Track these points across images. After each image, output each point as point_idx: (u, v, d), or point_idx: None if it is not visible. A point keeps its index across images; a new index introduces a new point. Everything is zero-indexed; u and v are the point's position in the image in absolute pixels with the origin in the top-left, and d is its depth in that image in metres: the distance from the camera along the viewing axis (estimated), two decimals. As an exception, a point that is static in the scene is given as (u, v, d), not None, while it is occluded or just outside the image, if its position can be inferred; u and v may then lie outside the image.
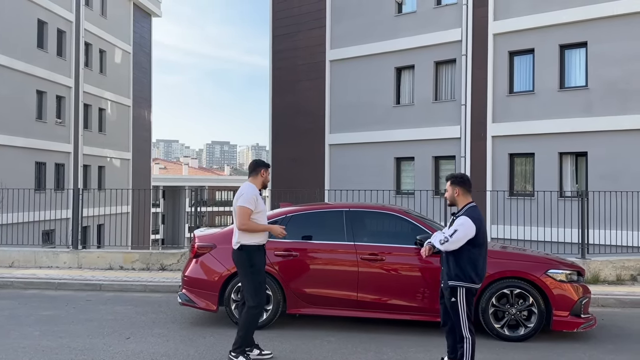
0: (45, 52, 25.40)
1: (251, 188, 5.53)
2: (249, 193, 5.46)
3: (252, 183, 5.60)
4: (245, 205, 5.40)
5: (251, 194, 5.45)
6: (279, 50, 22.72)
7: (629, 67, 14.71)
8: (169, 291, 9.11)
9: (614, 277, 10.14)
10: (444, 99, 18.43)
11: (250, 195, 5.45)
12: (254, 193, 5.48)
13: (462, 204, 5.08)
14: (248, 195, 5.45)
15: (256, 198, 5.47)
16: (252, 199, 5.43)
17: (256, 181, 5.61)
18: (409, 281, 6.62)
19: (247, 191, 5.48)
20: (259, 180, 5.62)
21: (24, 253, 11.44)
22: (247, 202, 5.41)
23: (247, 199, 5.42)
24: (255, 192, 5.52)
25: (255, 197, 5.45)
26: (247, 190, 5.49)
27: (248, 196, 5.44)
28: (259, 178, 5.62)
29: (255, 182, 5.61)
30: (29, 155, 24.06)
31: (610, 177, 14.39)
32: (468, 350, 4.88)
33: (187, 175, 60.97)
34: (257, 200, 5.47)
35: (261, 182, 5.63)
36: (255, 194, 5.49)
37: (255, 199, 5.45)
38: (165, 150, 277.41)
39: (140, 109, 35.08)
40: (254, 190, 5.51)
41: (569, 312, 6.34)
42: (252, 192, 5.48)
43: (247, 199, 5.43)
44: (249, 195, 5.44)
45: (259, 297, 5.43)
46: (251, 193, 5.47)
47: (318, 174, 20.65)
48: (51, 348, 5.89)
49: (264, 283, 5.56)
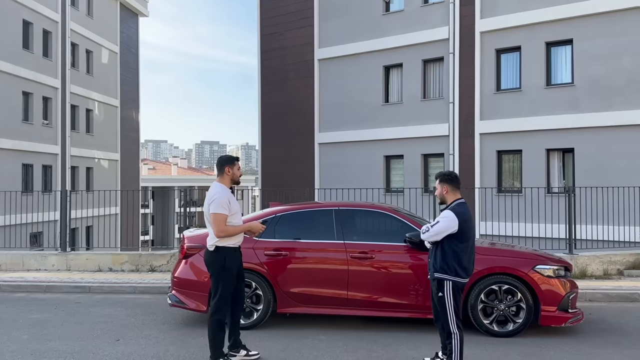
0: (31, 52, 25.15)
1: (222, 190, 5.28)
2: (220, 197, 5.20)
3: (221, 183, 5.34)
4: (219, 212, 5.16)
5: (223, 198, 5.20)
6: (268, 49, 22.69)
7: (614, 64, 14.88)
8: (159, 292, 9.07)
9: (601, 271, 10.26)
10: (432, 97, 18.51)
11: (222, 199, 5.20)
12: (225, 196, 5.22)
13: (451, 200, 5.20)
14: (219, 199, 5.19)
15: (228, 200, 5.22)
16: (224, 202, 5.19)
17: (224, 180, 5.36)
18: (399, 279, 6.65)
19: (218, 196, 5.21)
20: (227, 179, 5.36)
21: (11, 256, 11.34)
22: (220, 208, 5.17)
23: (219, 205, 5.18)
24: (226, 194, 5.26)
25: (227, 200, 5.21)
26: (218, 195, 5.22)
27: (220, 201, 5.18)
28: (226, 177, 5.36)
29: (223, 181, 5.36)
30: (15, 157, 23.82)
31: (597, 173, 14.56)
32: (457, 346, 4.94)
33: (176, 176, 60.65)
34: (229, 202, 5.22)
35: (229, 180, 5.37)
36: (227, 196, 5.24)
37: (228, 201, 5.21)
38: (154, 150, 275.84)
39: (128, 109, 34.85)
40: (224, 193, 5.26)
41: (557, 307, 6.40)
42: (223, 196, 5.22)
43: (219, 204, 5.18)
44: (221, 200, 5.19)
45: (222, 304, 5.20)
46: (223, 196, 5.21)
47: (308, 172, 20.66)
48: (40, 351, 5.85)
49: (232, 289, 5.29)
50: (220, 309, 5.23)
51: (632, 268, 10.42)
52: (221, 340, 5.27)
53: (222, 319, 5.25)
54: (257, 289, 6.76)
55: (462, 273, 4.99)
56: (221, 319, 5.24)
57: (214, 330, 5.21)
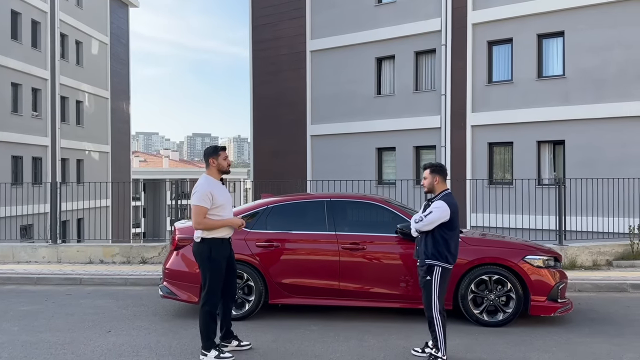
0: (20, 43, 24.87)
1: (206, 182, 5.22)
2: (202, 189, 5.15)
3: (208, 175, 5.29)
4: (199, 204, 5.09)
5: (205, 190, 5.14)
6: (260, 40, 22.57)
7: (605, 56, 14.94)
8: (150, 284, 9.06)
9: (590, 262, 10.36)
10: (424, 89, 18.52)
11: (204, 191, 5.13)
12: (207, 188, 5.15)
13: (439, 190, 5.33)
14: (201, 192, 5.14)
15: (211, 193, 5.13)
16: (206, 195, 5.12)
17: (211, 172, 5.30)
18: (391, 269, 6.68)
19: (200, 188, 5.17)
20: (213, 170, 5.29)
21: (1, 248, 11.27)
22: (200, 200, 5.11)
23: (200, 197, 5.12)
24: (210, 186, 5.19)
25: (209, 193, 5.13)
26: (199, 187, 5.18)
27: (201, 193, 5.13)
28: (212, 168, 5.29)
29: (210, 173, 5.30)
30: (5, 149, 23.61)
31: (587, 165, 14.65)
32: (440, 332, 5.09)
33: (167, 168, 60.37)
34: (212, 195, 5.14)
35: (216, 170, 5.29)
36: (209, 189, 5.16)
37: (210, 194, 5.13)
38: (145, 142, 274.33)
39: (119, 101, 34.60)
40: (208, 185, 5.19)
41: (546, 297, 6.47)
42: (205, 188, 5.15)
43: (200, 196, 5.12)
44: (202, 192, 5.13)
45: (211, 295, 5.19)
46: (205, 189, 5.15)
47: (300, 164, 20.64)
48: (31, 343, 5.83)
49: (220, 280, 5.25)
50: (210, 300, 5.23)
51: (621, 259, 10.53)
52: (212, 331, 5.29)
53: (213, 310, 5.25)
54: (248, 280, 6.77)
55: (451, 259, 5.20)
56: (211, 310, 5.24)
57: (205, 321, 5.22)
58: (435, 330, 5.10)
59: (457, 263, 6.02)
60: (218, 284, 5.28)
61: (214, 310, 5.28)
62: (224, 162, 5.35)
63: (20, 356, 5.40)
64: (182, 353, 5.49)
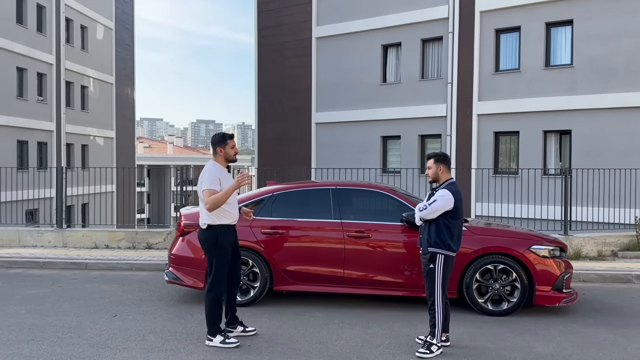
0: (25, 28, 24.79)
1: (214, 167, 5.30)
2: (211, 174, 5.22)
3: (215, 162, 5.36)
4: (210, 188, 5.16)
5: (213, 175, 5.21)
6: (265, 26, 22.43)
7: (613, 45, 14.79)
8: (156, 269, 9.10)
9: (595, 253, 10.34)
10: (431, 77, 18.40)
11: (212, 176, 5.21)
12: (215, 174, 5.23)
13: (444, 179, 5.37)
14: (210, 176, 5.21)
15: (219, 178, 5.22)
16: (215, 179, 5.19)
17: (218, 159, 5.36)
18: (395, 258, 6.68)
19: (209, 173, 5.24)
20: (220, 158, 5.36)
21: (7, 232, 11.32)
22: (210, 184, 5.17)
23: (209, 181, 5.18)
24: (217, 171, 5.27)
25: (217, 178, 5.21)
26: (208, 172, 5.25)
27: (209, 177, 5.20)
28: (219, 156, 5.35)
29: (217, 160, 5.37)
30: (10, 134, 23.65)
31: (593, 155, 14.58)
32: (439, 319, 5.14)
33: (172, 154, 60.43)
34: (220, 180, 5.22)
35: (223, 158, 5.36)
36: (217, 174, 5.24)
37: (218, 179, 5.21)
38: (150, 128, 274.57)
39: (123, 86, 34.55)
40: (215, 171, 5.27)
41: (551, 287, 6.46)
42: (213, 173, 5.24)
43: (209, 180, 5.19)
44: (211, 177, 5.20)
45: (218, 280, 5.25)
46: (213, 174, 5.23)
47: (304, 152, 20.61)
48: (37, 326, 5.88)
49: (228, 264, 5.34)
50: (216, 286, 5.27)
51: (626, 249, 10.49)
52: (218, 316, 5.32)
53: (219, 296, 5.29)
54: (253, 267, 6.79)
55: (454, 247, 5.24)
56: (217, 296, 5.28)
57: (211, 306, 5.26)
58: (435, 317, 5.15)
59: (462, 252, 6.05)
60: (224, 270, 5.32)
61: (220, 296, 5.32)
62: (231, 151, 5.38)
63: (28, 339, 5.44)
64: (188, 338, 5.53)
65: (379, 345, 5.38)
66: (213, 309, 5.27)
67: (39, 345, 5.25)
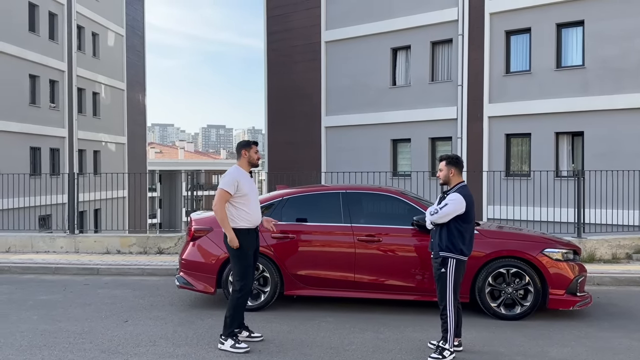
0: (37, 35, 25.08)
1: (235, 171, 5.45)
2: (231, 177, 5.38)
3: (238, 166, 5.53)
4: (223, 188, 5.33)
5: (233, 177, 5.36)
6: (274, 31, 22.49)
7: (625, 45, 14.63)
8: (167, 274, 9.12)
9: (609, 255, 10.20)
10: (441, 79, 18.32)
11: (231, 178, 5.36)
12: (235, 177, 5.37)
13: (455, 183, 5.30)
14: (228, 178, 5.38)
15: (237, 181, 5.35)
16: (233, 182, 5.33)
17: (242, 163, 5.53)
18: (406, 262, 6.64)
19: (229, 175, 5.41)
20: (244, 162, 5.53)
21: (20, 238, 11.42)
22: (225, 185, 5.34)
23: (227, 182, 5.35)
24: (238, 175, 5.41)
25: (236, 181, 5.34)
26: (229, 174, 5.42)
27: (227, 179, 5.37)
28: (243, 159, 5.53)
29: (241, 164, 5.53)
30: (23, 141, 23.90)
31: (606, 157, 14.41)
32: (451, 324, 5.08)
33: (183, 160, 60.78)
34: (239, 183, 5.35)
35: (246, 162, 5.53)
36: (237, 177, 5.38)
37: (237, 182, 5.34)
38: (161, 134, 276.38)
39: (135, 92, 34.82)
40: (237, 174, 5.41)
41: (565, 291, 6.38)
42: (234, 176, 5.38)
43: (227, 181, 5.35)
44: (229, 178, 5.36)
45: (244, 281, 5.37)
46: (233, 176, 5.37)
47: (314, 156, 20.60)
48: (49, 332, 5.91)
49: (251, 267, 5.47)
50: (243, 288, 5.39)
51: (641, 252, 10.35)
52: (237, 319, 5.40)
53: (245, 297, 5.43)
54: (264, 272, 6.78)
55: (466, 251, 5.19)
56: (243, 298, 5.40)
57: (235, 308, 5.36)
58: (447, 322, 5.09)
59: (475, 256, 6.00)
60: (249, 271, 5.44)
61: (246, 298, 5.47)
62: (254, 155, 5.57)
63: (40, 345, 5.47)
64: (199, 343, 5.52)
65: (390, 351, 5.33)
66: (236, 310, 5.36)
67: (50, 351, 5.27)
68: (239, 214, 5.39)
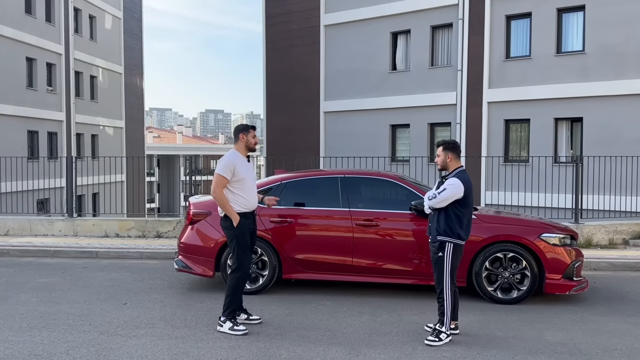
0: (34, 17, 24.83)
1: (232, 155, 5.44)
2: (227, 161, 5.37)
3: (235, 150, 5.52)
4: (220, 173, 5.32)
5: (229, 162, 5.36)
6: (273, 14, 22.31)
7: (627, 31, 14.54)
8: (166, 258, 9.16)
9: (606, 241, 10.26)
10: (440, 64, 18.23)
11: (228, 162, 5.35)
12: (232, 161, 5.37)
13: (453, 168, 5.31)
14: (225, 162, 5.37)
15: (234, 166, 5.35)
16: (229, 166, 5.33)
17: (239, 147, 5.52)
18: (404, 246, 6.66)
19: (226, 160, 5.40)
20: (241, 146, 5.51)
21: (19, 221, 11.43)
22: (222, 170, 5.33)
23: (223, 167, 5.34)
24: (235, 159, 5.40)
25: (232, 165, 5.34)
26: (225, 159, 5.41)
27: (224, 163, 5.36)
28: (241, 143, 5.51)
29: (238, 148, 5.52)
30: (20, 124, 23.79)
31: (605, 143, 14.41)
32: (448, 307, 5.13)
33: (181, 144, 60.61)
34: (235, 167, 5.35)
35: (244, 146, 5.51)
36: (234, 161, 5.37)
37: (233, 166, 5.34)
38: (159, 118, 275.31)
39: (132, 76, 34.59)
40: (233, 158, 5.40)
41: (562, 275, 6.42)
42: (230, 160, 5.37)
43: (223, 166, 5.34)
44: (226, 163, 5.36)
45: (242, 263, 5.41)
46: (230, 160, 5.37)
47: (313, 141, 20.56)
48: (48, 314, 5.94)
49: (249, 249, 5.51)
50: (241, 269, 5.42)
51: (638, 237, 10.40)
52: (236, 301, 5.42)
53: (243, 279, 5.46)
54: (262, 255, 6.80)
55: (463, 236, 5.21)
56: (242, 280, 5.43)
57: (234, 289, 5.39)
58: (444, 305, 5.13)
59: (472, 240, 6.02)
60: (246, 253, 5.48)
61: (244, 279, 5.50)
62: (252, 140, 5.56)
63: (39, 326, 5.50)
64: (197, 325, 5.56)
65: (387, 333, 5.37)
66: (235, 292, 5.39)
67: (50, 333, 5.30)
68: (235, 198, 5.40)
